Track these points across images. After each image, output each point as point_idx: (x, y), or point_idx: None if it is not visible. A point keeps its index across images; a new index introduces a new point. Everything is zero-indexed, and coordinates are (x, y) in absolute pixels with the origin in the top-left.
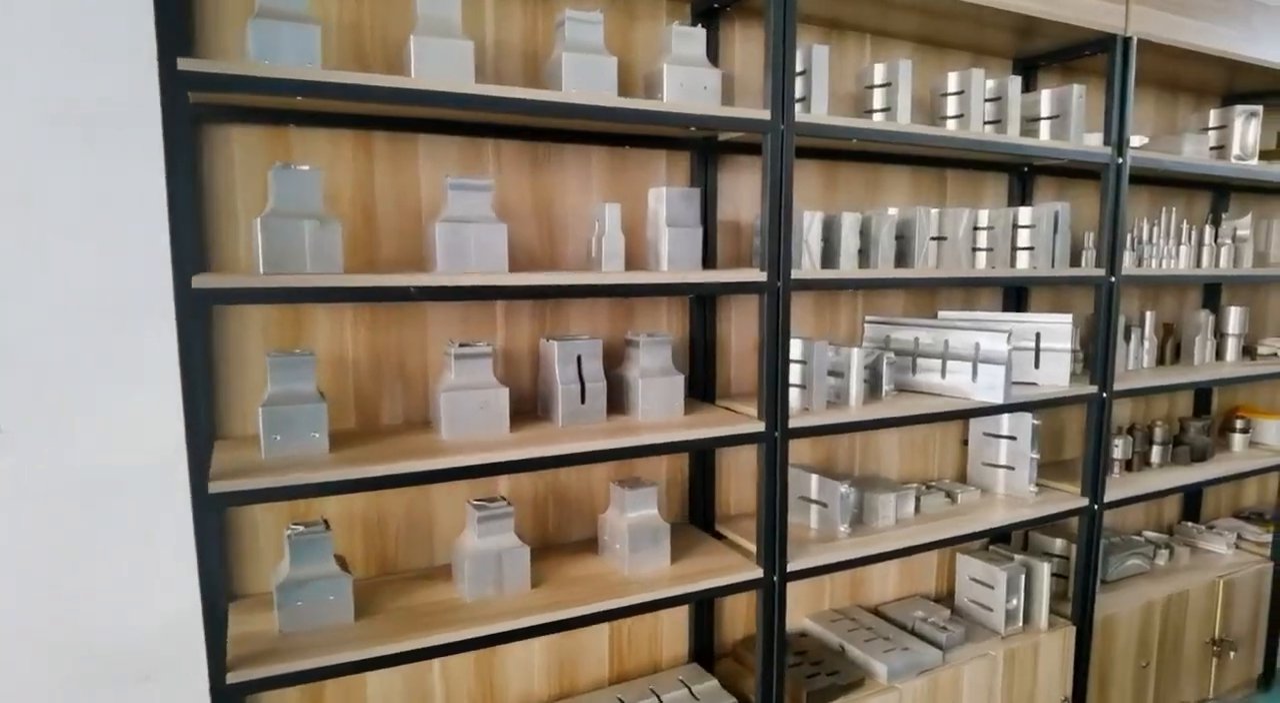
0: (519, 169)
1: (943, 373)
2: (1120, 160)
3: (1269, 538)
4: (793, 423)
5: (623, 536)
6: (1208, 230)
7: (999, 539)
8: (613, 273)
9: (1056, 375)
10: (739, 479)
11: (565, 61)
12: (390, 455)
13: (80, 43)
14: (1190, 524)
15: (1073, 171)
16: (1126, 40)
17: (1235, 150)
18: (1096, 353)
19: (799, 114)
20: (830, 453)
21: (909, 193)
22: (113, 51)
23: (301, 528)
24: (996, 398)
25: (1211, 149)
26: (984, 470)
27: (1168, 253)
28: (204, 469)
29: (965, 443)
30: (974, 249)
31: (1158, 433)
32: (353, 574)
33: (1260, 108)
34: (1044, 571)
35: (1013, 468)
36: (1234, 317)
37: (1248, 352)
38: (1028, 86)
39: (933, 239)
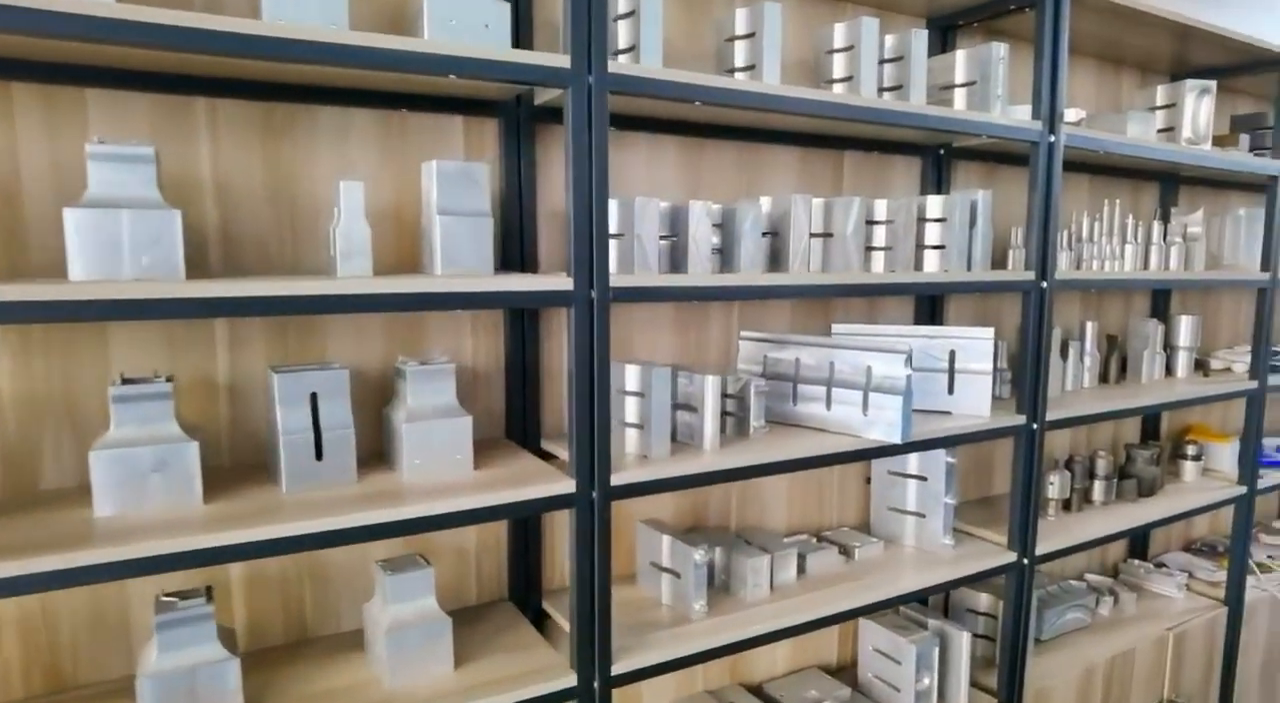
0: (245, 137)
1: (828, 404)
2: (1052, 138)
3: (1223, 576)
4: (620, 478)
5: (382, 635)
6: (1155, 227)
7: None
8: (350, 279)
9: (975, 403)
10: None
11: None
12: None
13: None
14: (1137, 563)
15: (1000, 156)
16: None
17: (1186, 133)
18: (1025, 375)
19: (622, 66)
20: (699, 502)
21: (796, 180)
22: None
23: None
24: (892, 436)
25: (1160, 131)
26: (890, 517)
27: (1110, 253)
28: None
29: (869, 481)
30: (869, 248)
31: (1100, 465)
32: None
33: (1214, 84)
34: (963, 641)
35: (924, 515)
36: (1185, 327)
37: (1200, 366)
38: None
39: (815, 236)
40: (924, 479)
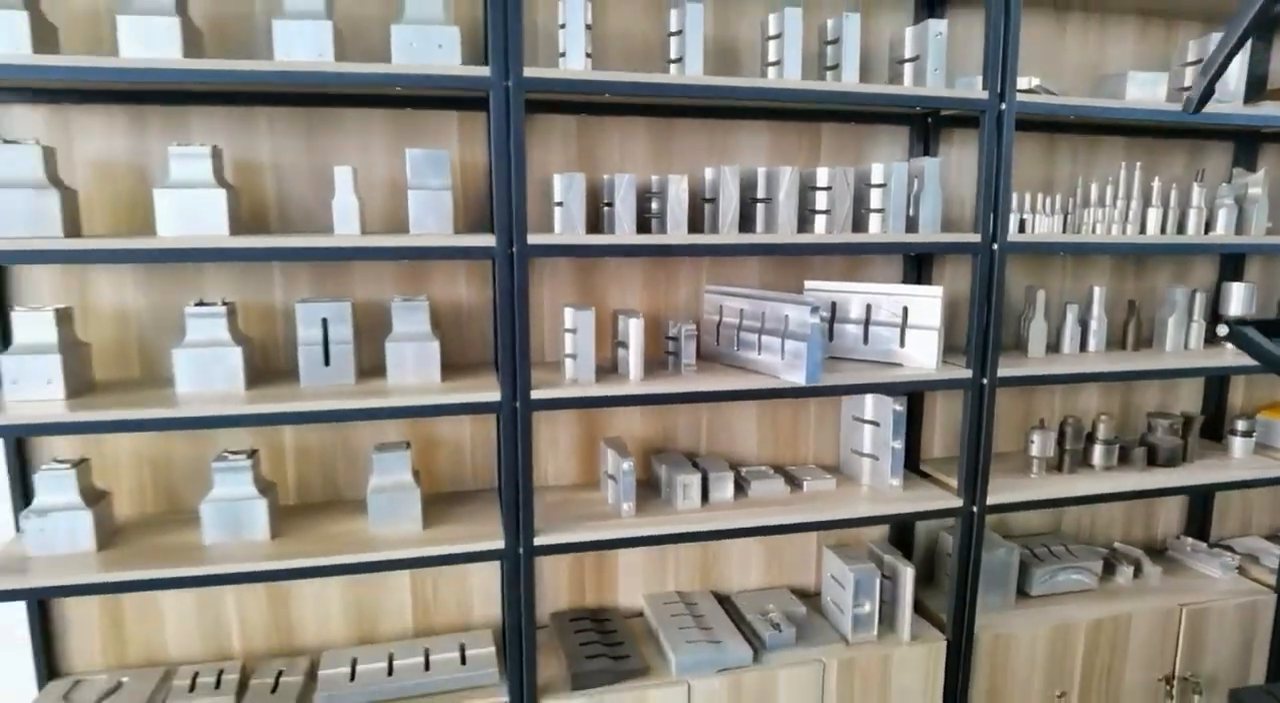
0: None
1: (759, 348)
2: (1003, 106)
3: None
4: (545, 393)
5: (370, 496)
6: (1195, 190)
7: (902, 532)
8: (344, 236)
9: (921, 356)
10: (553, 448)
11: None
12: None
13: None
14: (1188, 541)
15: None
16: None
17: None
18: (973, 333)
19: (539, 69)
20: (668, 426)
21: (769, 153)
22: None
23: (58, 465)
24: (798, 378)
25: (1182, 89)
26: (852, 458)
27: (1117, 218)
28: None
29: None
30: (812, 211)
31: (1101, 429)
32: (100, 510)
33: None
34: (907, 575)
35: (877, 458)
36: (1237, 295)
37: None
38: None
39: (757, 201)
40: (876, 425)
